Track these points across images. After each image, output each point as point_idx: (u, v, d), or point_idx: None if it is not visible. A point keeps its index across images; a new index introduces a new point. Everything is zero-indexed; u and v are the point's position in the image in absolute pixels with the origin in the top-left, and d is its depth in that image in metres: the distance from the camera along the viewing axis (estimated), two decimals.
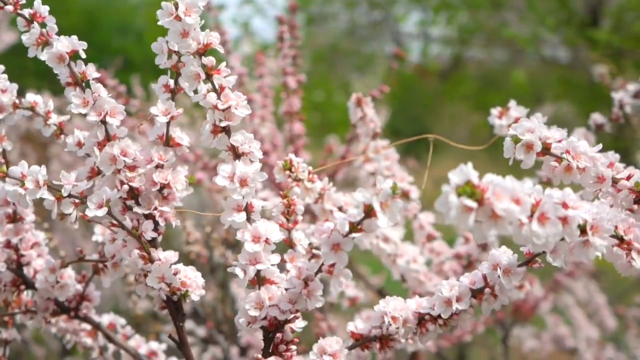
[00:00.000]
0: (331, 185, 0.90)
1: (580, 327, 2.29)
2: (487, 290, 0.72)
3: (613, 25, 4.52)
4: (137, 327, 1.16)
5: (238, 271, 0.66)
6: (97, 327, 0.95)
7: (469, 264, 1.18)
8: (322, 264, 0.64)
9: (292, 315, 0.66)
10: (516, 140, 0.63)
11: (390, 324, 0.74)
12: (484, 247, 1.18)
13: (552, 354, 2.38)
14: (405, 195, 1.16)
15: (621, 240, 0.62)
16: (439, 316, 0.74)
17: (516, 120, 0.92)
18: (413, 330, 0.76)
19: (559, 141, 0.64)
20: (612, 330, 2.47)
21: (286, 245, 0.77)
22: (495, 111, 0.94)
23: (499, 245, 0.77)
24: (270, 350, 0.68)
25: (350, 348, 0.76)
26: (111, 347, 1.00)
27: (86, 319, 0.94)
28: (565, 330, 2.27)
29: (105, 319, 0.98)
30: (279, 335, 0.68)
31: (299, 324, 0.72)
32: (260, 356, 0.64)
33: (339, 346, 0.75)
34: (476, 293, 0.74)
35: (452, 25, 4.29)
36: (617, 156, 0.67)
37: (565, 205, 0.57)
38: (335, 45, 5.16)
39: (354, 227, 0.61)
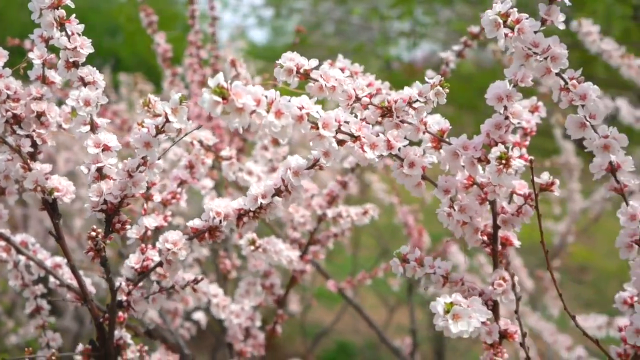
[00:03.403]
0: (196, 125, 1.13)
1: None
2: (282, 187, 0.95)
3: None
4: None
5: (83, 168, 0.89)
6: (8, 240, 1.17)
7: (332, 200, 1.41)
8: (141, 158, 0.86)
9: (124, 200, 0.89)
10: (281, 66, 0.86)
11: (215, 217, 0.97)
12: (344, 186, 1.41)
13: None
14: (275, 141, 1.39)
15: (355, 137, 0.84)
16: (250, 210, 0.97)
17: (342, 69, 1.15)
18: (234, 223, 0.98)
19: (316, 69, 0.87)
20: (530, 290, 2.70)
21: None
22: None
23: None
24: (110, 229, 0.90)
25: (188, 239, 0.99)
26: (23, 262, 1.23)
27: None
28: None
29: (18, 237, 1.20)
30: (116, 217, 0.90)
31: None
32: (96, 227, 0.87)
33: (179, 236, 0.98)
34: (278, 192, 0.96)
35: (406, 20, 4.51)
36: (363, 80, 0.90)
37: (302, 107, 0.80)
38: (304, 39, 5.39)
39: (159, 129, 0.84)
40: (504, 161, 0.83)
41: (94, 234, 0.86)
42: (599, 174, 0.86)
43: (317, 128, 0.81)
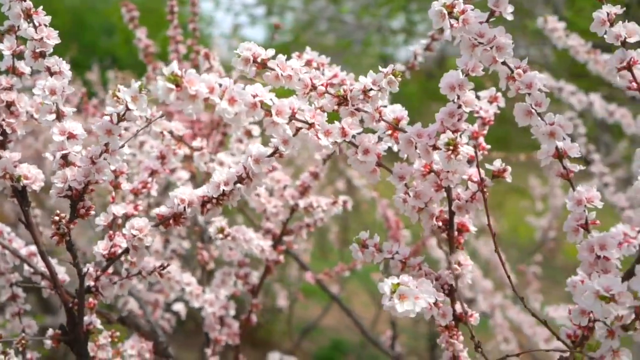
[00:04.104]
0: (160, 114, 1.16)
1: (476, 279, 2.55)
2: (244, 174, 0.98)
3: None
4: None
5: (48, 155, 0.91)
6: None
7: (305, 190, 1.44)
8: (104, 145, 0.89)
9: (88, 187, 0.92)
10: (238, 56, 0.89)
11: (179, 204, 1.00)
12: (316, 177, 1.44)
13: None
14: (248, 133, 1.42)
15: (310, 124, 0.87)
16: (214, 197, 1.00)
17: (309, 62, 1.17)
18: (198, 210, 1.01)
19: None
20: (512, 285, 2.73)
21: None
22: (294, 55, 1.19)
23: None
24: (75, 215, 0.93)
25: (154, 226, 1.02)
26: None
27: None
28: None
29: None
30: (81, 203, 0.93)
31: None
32: (61, 213, 0.90)
33: (145, 223, 1.01)
34: (240, 179, 0.99)
35: (395, 17, 4.54)
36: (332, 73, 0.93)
37: (255, 95, 0.83)
38: (296, 38, 5.44)
39: (120, 117, 0.87)
40: (452, 147, 0.86)
41: (57, 218, 0.89)
42: (546, 160, 0.89)
43: (271, 115, 0.84)
